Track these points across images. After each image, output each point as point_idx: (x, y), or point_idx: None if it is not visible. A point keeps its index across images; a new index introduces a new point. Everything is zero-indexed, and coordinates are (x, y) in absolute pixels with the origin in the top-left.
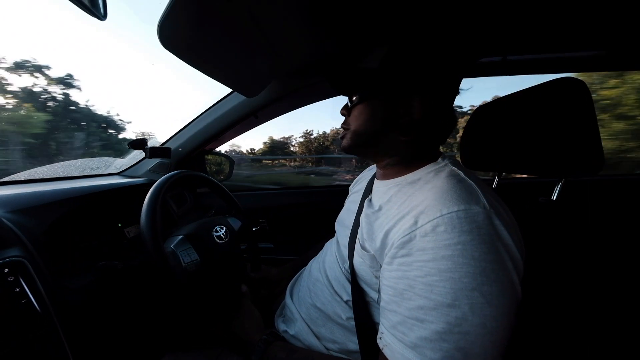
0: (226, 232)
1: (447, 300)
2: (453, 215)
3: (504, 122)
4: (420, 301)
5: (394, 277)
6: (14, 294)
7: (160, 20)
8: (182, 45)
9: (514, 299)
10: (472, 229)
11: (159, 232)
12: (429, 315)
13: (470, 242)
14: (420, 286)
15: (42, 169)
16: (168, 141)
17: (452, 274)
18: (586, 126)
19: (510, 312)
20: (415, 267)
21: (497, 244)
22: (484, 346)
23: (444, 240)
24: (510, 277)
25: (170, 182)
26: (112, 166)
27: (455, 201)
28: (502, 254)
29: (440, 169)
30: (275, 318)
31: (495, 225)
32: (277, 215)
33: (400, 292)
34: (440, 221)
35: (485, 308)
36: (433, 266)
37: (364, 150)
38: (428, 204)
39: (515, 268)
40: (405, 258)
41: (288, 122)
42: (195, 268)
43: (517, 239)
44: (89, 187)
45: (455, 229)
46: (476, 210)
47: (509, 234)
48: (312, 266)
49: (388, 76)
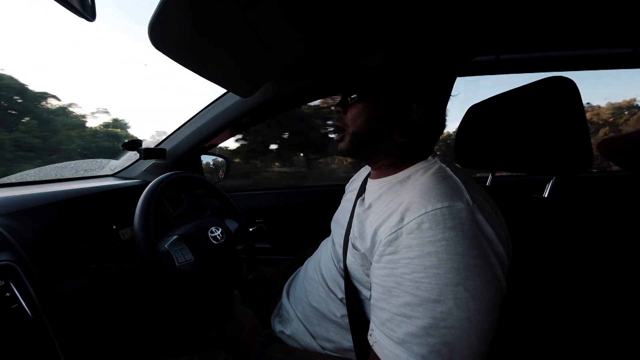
0: (222, 233)
1: (432, 296)
2: (437, 212)
3: (497, 121)
4: (407, 298)
5: (382, 274)
6: (4, 298)
7: (151, 21)
8: (173, 46)
9: (498, 293)
10: (455, 225)
11: (152, 231)
12: (415, 311)
13: (454, 238)
14: (407, 283)
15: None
16: (163, 142)
17: (437, 270)
18: (575, 124)
19: (494, 306)
20: (402, 264)
21: (480, 239)
22: (469, 340)
23: (428, 237)
24: (495, 272)
25: (165, 183)
26: (106, 168)
27: (439, 198)
28: (486, 248)
29: (429, 167)
30: (272, 318)
31: (479, 221)
32: (273, 215)
33: (389, 290)
34: (425, 218)
35: (470, 302)
36: (419, 263)
37: (362, 152)
38: (413, 201)
39: (499, 262)
40: (392, 255)
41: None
42: (189, 268)
43: (502, 234)
44: (82, 189)
45: (439, 225)
46: (459, 207)
47: (492, 229)
48: (308, 265)
49: (391, 76)
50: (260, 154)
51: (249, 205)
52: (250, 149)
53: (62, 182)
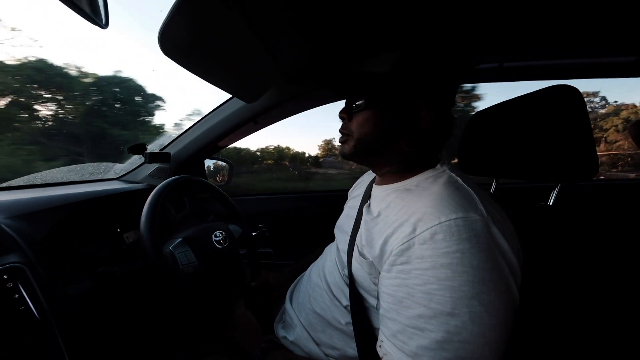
0: (225, 237)
1: (446, 309)
2: (451, 222)
3: (501, 128)
4: (419, 309)
5: (393, 284)
6: (13, 300)
7: (161, 28)
8: (182, 53)
9: (511, 307)
10: (470, 237)
11: (157, 233)
12: (429, 324)
13: (469, 250)
14: (420, 294)
15: (41, 175)
16: (168, 146)
17: (451, 283)
18: (580, 132)
19: (508, 321)
20: (414, 275)
21: (494, 252)
22: (484, 356)
23: (442, 249)
24: (508, 285)
25: (171, 187)
26: (111, 171)
27: (454, 209)
28: (500, 261)
29: (439, 176)
30: (275, 324)
31: (493, 233)
32: (276, 220)
33: (400, 300)
34: (438, 229)
35: (485, 317)
36: (432, 274)
37: (366, 158)
38: (426, 211)
39: (512, 275)
40: (404, 266)
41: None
42: (192, 270)
43: (514, 246)
44: (87, 193)
45: (453, 237)
46: (474, 218)
47: (506, 241)
48: (311, 271)
49: (398, 82)
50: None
51: (251, 210)
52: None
53: (68, 185)
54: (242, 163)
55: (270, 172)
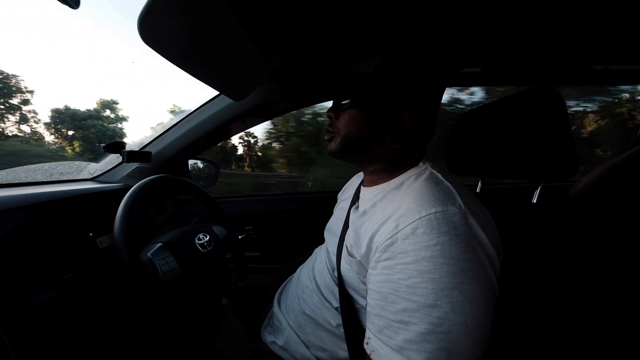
0: (210, 240)
1: (429, 301)
2: (431, 217)
3: (486, 129)
4: (403, 304)
5: (379, 281)
6: None
7: (141, 14)
8: (164, 42)
9: (491, 296)
10: (449, 230)
11: (134, 237)
12: (413, 317)
13: (449, 242)
14: (404, 289)
15: (1, 174)
16: (148, 145)
17: (432, 275)
18: (560, 133)
19: (489, 310)
20: (397, 269)
21: (473, 243)
22: (466, 344)
23: (423, 242)
24: (488, 275)
25: (150, 186)
26: (85, 171)
27: (433, 203)
28: (479, 252)
29: (421, 173)
30: (262, 329)
31: (471, 225)
32: (263, 222)
33: (385, 296)
34: (419, 223)
35: (466, 306)
36: (414, 268)
37: (352, 156)
38: (408, 207)
39: (491, 265)
40: (388, 261)
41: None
42: (174, 278)
43: (493, 238)
44: (54, 193)
45: (434, 230)
46: (453, 211)
47: (484, 232)
48: (301, 273)
49: (385, 83)
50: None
51: (238, 212)
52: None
53: (34, 185)
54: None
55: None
